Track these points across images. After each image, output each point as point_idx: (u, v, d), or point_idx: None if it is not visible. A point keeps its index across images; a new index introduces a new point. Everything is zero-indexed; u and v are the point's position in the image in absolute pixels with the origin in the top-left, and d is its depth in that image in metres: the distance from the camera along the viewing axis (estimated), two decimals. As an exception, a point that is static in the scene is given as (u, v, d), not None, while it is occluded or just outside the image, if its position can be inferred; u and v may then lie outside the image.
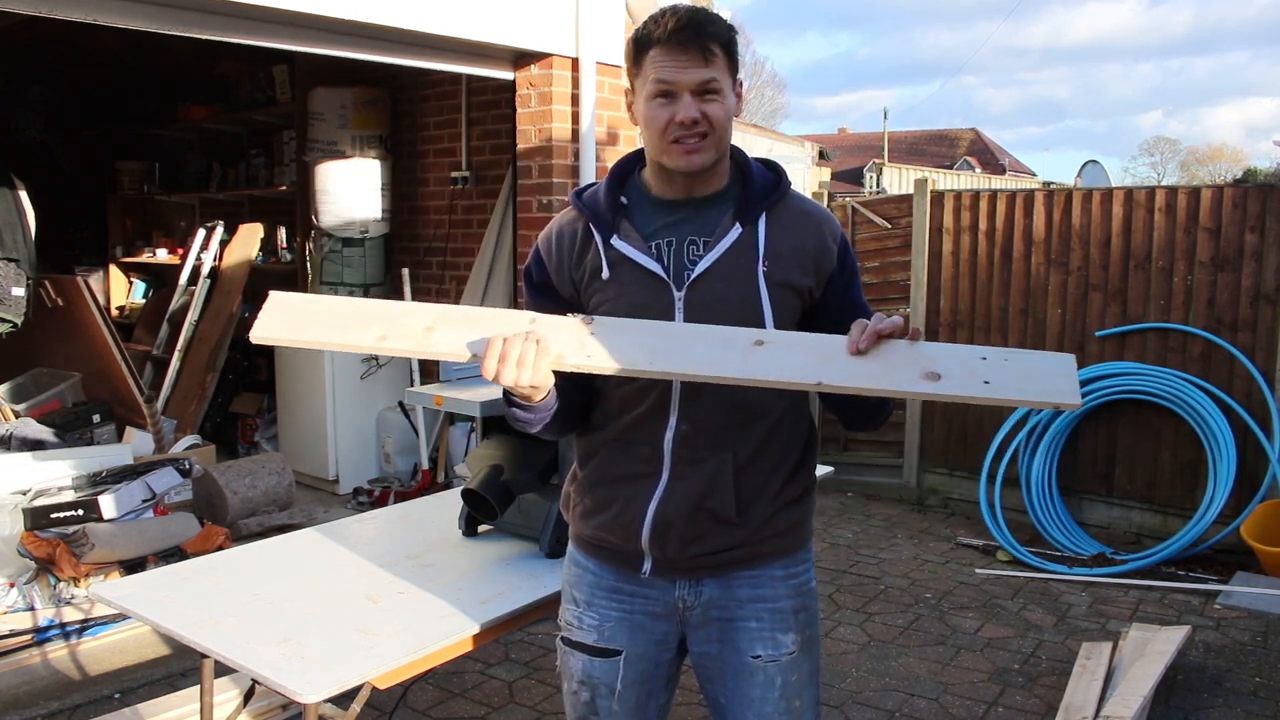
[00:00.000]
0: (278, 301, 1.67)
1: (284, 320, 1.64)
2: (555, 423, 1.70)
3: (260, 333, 1.64)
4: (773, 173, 1.75)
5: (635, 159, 1.79)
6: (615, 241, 1.68)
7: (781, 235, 1.69)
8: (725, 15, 1.68)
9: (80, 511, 3.95)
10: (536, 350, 1.53)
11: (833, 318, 1.70)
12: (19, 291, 5.05)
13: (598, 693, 1.79)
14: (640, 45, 1.64)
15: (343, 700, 2.07)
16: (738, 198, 1.70)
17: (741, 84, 1.71)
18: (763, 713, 1.75)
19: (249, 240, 6.38)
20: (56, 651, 3.59)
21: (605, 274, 1.68)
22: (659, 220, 1.70)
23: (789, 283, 1.68)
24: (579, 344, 1.57)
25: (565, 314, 1.70)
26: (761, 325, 1.65)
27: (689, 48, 1.59)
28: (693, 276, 1.66)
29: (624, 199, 1.73)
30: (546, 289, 1.76)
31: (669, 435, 1.68)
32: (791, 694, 1.76)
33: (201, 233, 6.50)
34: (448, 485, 5.31)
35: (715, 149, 1.65)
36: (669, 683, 1.85)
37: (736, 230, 1.67)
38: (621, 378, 1.64)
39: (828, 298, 1.73)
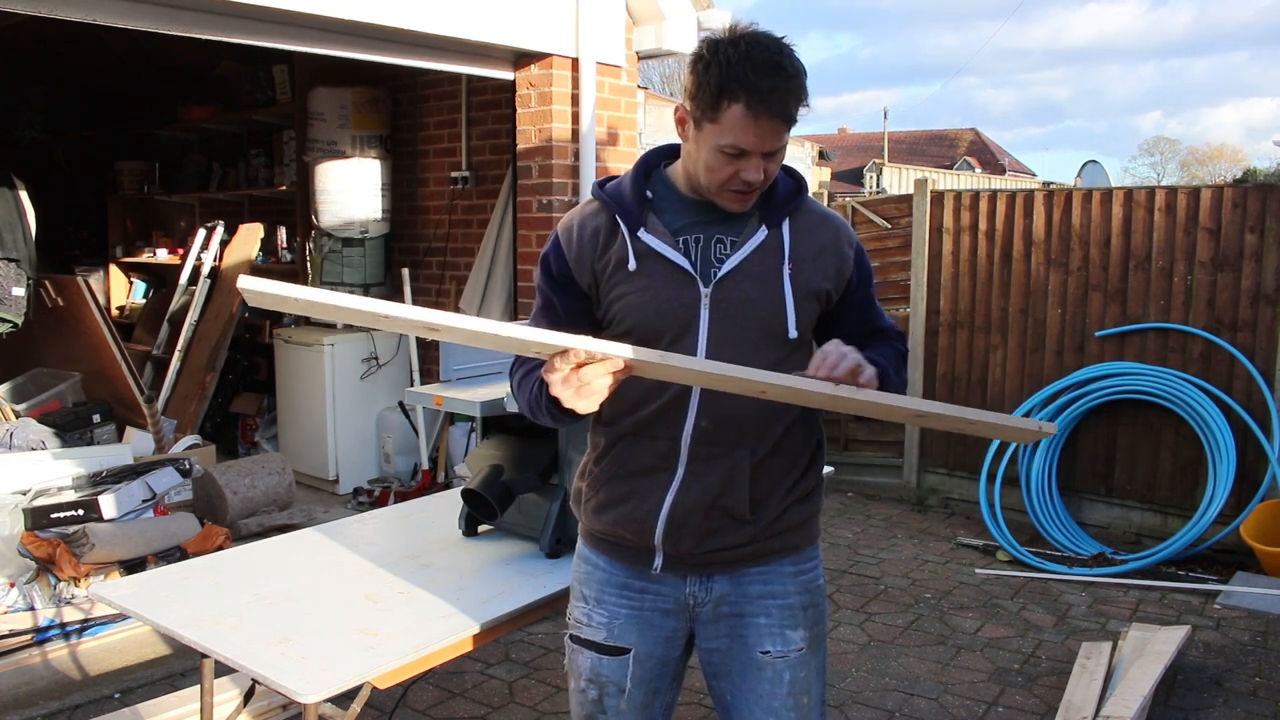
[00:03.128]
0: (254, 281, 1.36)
1: (273, 288, 1.37)
2: None
3: (249, 285, 1.34)
4: (793, 179, 1.77)
5: (661, 154, 1.78)
6: (643, 235, 1.68)
7: (803, 239, 1.71)
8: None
9: (80, 511, 3.95)
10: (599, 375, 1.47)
11: (854, 319, 1.78)
12: (19, 291, 5.05)
13: (606, 691, 1.79)
14: (725, 91, 1.53)
15: (343, 700, 2.07)
16: (763, 201, 1.71)
17: None
18: (770, 708, 1.75)
19: (249, 240, 6.38)
20: (56, 651, 3.59)
21: (632, 265, 1.67)
22: (686, 217, 1.70)
23: (811, 286, 1.70)
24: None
25: (582, 305, 1.72)
26: (784, 326, 1.67)
27: (779, 120, 1.55)
28: (720, 274, 1.66)
29: (649, 193, 1.73)
30: (565, 279, 1.74)
31: (688, 430, 1.68)
32: (799, 690, 1.77)
33: (201, 233, 6.50)
34: (448, 485, 5.31)
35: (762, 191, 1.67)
36: (675, 680, 1.85)
37: (763, 232, 1.69)
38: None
39: (847, 302, 1.77)
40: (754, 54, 1.54)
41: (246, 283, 1.32)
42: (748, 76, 1.52)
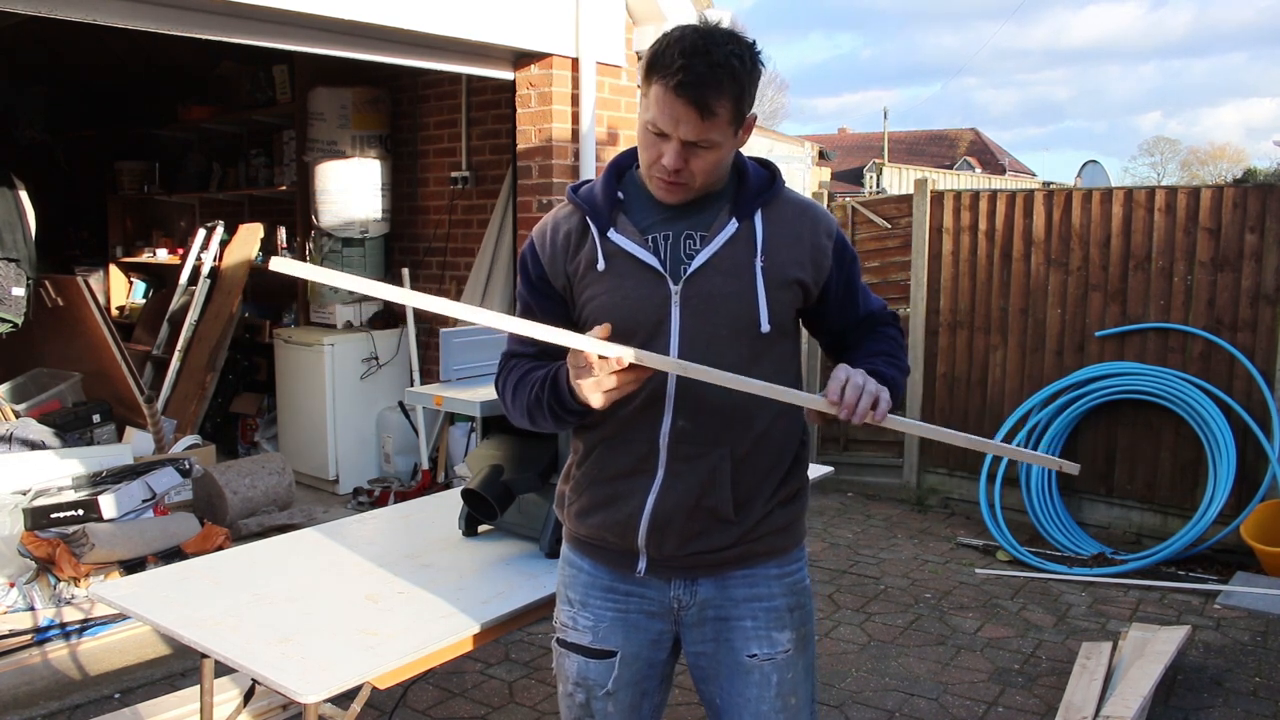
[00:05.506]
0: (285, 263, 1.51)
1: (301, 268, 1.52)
2: None
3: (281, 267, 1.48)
4: (767, 170, 1.76)
5: (633, 154, 1.78)
6: (612, 235, 1.68)
7: (777, 230, 1.70)
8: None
9: (80, 511, 3.95)
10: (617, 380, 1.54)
11: (839, 308, 1.79)
12: (19, 291, 5.05)
13: (593, 694, 1.79)
14: (649, 71, 1.58)
15: (343, 700, 2.07)
16: (734, 194, 1.71)
17: (754, 117, 1.67)
18: (759, 711, 1.75)
19: (249, 240, 6.38)
20: (56, 651, 3.59)
21: (601, 266, 1.68)
22: (656, 215, 1.70)
23: (785, 277, 1.69)
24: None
25: (560, 309, 1.73)
26: (757, 320, 1.66)
27: (690, 106, 1.54)
28: (689, 271, 1.66)
29: (621, 194, 1.73)
30: (542, 283, 1.76)
31: (665, 431, 1.67)
32: (787, 691, 1.76)
33: (201, 233, 6.50)
34: (448, 485, 5.31)
35: (695, 192, 1.66)
36: (663, 682, 1.85)
37: (733, 225, 1.68)
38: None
39: (831, 292, 1.76)
40: (690, 37, 1.55)
41: (278, 264, 1.39)
42: (674, 56, 1.53)
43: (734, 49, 1.55)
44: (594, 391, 1.53)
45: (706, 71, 1.52)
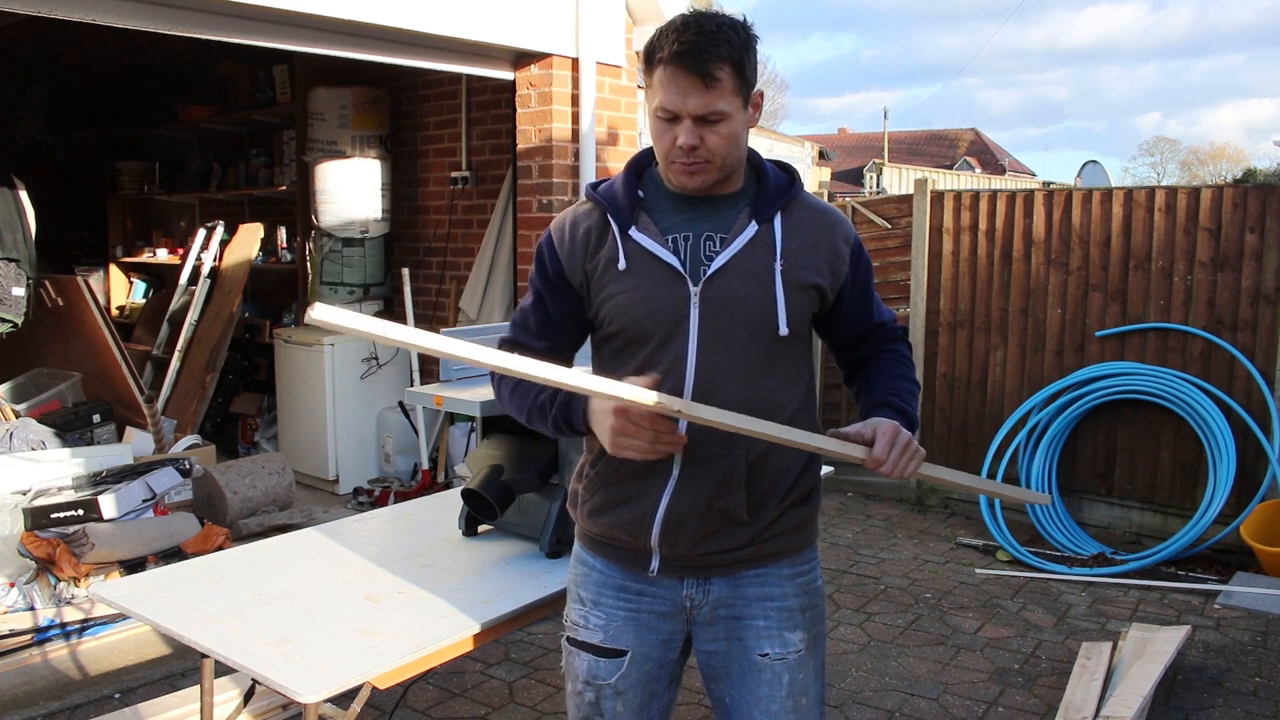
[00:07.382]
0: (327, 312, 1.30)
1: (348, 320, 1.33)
2: None
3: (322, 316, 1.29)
4: (786, 174, 1.77)
5: (652, 154, 1.79)
6: (633, 233, 1.69)
7: (796, 234, 1.70)
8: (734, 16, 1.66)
9: (80, 511, 3.95)
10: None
11: (852, 314, 1.80)
12: (19, 291, 5.05)
13: (602, 693, 1.79)
14: (648, 59, 1.62)
15: (343, 700, 2.07)
16: (753, 197, 1.72)
17: (761, 94, 1.69)
18: (770, 710, 1.75)
19: (249, 240, 6.38)
20: (56, 651, 3.59)
21: (622, 265, 1.68)
22: (676, 215, 1.71)
23: (804, 281, 1.69)
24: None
25: (573, 308, 1.74)
26: (775, 322, 1.67)
27: (690, 74, 1.57)
28: (710, 272, 1.66)
29: (641, 193, 1.73)
30: (558, 277, 1.76)
31: (682, 433, 1.67)
32: (798, 691, 1.76)
33: (201, 233, 6.51)
34: (448, 485, 5.32)
35: (717, 171, 1.66)
36: (673, 682, 1.85)
37: (753, 228, 1.68)
38: (631, 371, 1.65)
39: (845, 299, 1.78)
40: (681, 17, 1.61)
41: (320, 313, 1.27)
42: (668, 34, 1.59)
43: (724, 20, 1.61)
44: (638, 453, 1.57)
45: (700, 38, 1.56)
